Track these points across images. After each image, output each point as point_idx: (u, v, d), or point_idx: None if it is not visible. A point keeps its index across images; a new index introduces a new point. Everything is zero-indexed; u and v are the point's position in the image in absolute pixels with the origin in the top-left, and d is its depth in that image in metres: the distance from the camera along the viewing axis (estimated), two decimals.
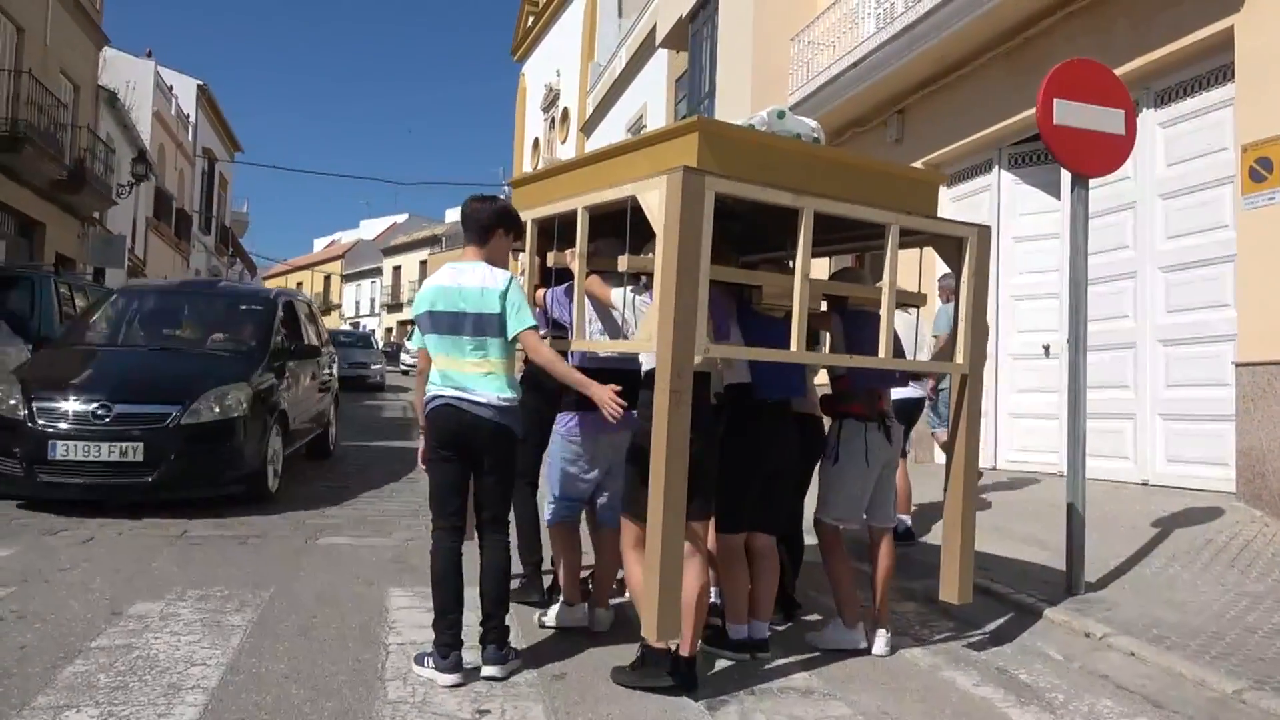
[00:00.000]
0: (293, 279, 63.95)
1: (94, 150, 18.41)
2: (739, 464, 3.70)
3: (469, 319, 3.42)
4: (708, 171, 3.23)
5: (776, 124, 3.75)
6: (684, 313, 3.15)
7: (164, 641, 3.62)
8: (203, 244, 32.81)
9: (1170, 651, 3.67)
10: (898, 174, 4.19)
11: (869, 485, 4.00)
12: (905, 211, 3.79)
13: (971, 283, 3.94)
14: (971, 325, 3.95)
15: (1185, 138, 6.86)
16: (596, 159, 3.98)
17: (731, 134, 3.59)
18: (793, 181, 3.49)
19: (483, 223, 3.53)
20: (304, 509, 6.58)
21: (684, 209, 3.13)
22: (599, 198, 3.63)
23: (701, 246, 3.19)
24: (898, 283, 3.77)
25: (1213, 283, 6.52)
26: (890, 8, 9.62)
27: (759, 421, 3.76)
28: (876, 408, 4.04)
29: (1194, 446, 6.65)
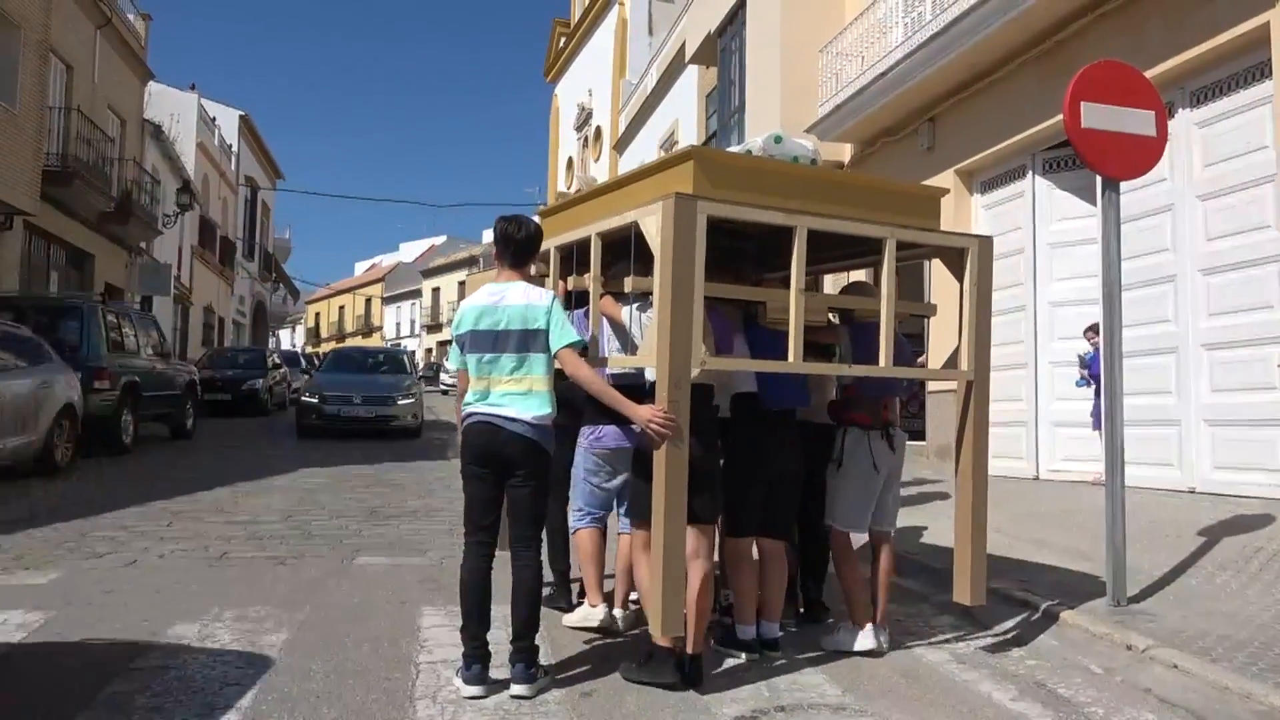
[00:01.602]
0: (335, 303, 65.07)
1: (140, 182, 18.93)
2: (744, 470, 3.89)
3: (513, 336, 3.47)
4: (699, 196, 3.45)
5: (774, 148, 3.95)
6: (680, 328, 3.36)
7: (200, 662, 3.67)
8: (247, 270, 33.51)
9: (1216, 664, 3.56)
10: (897, 190, 4.34)
11: (873, 492, 4.08)
12: (902, 225, 3.90)
13: (974, 292, 4.06)
14: (975, 334, 4.07)
15: (1223, 137, 6.73)
16: (608, 189, 4.27)
17: (726, 160, 3.90)
18: (790, 202, 3.68)
19: (521, 247, 3.61)
20: (338, 529, 6.66)
21: (677, 232, 3.35)
22: (608, 224, 3.87)
23: (696, 266, 3.39)
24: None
25: (1256, 284, 6.38)
26: (918, 16, 9.58)
27: (764, 429, 3.91)
28: (881, 416, 4.14)
29: (1241, 452, 6.49)
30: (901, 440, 4.26)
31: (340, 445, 12.97)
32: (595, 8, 27.85)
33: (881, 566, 4.17)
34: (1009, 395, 8.90)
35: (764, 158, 3.89)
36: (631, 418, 3.43)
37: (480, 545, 3.55)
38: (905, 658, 4.03)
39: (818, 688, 3.61)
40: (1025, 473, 8.55)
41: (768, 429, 3.92)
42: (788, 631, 4.20)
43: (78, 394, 9.52)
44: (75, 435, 9.47)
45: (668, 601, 3.34)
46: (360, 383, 14.83)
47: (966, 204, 9.58)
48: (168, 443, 12.82)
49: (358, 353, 20.62)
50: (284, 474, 9.64)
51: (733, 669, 3.76)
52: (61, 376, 9.21)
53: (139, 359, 11.78)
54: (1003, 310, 9.04)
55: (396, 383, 15.14)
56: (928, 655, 4.04)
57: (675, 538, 3.36)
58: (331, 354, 21.02)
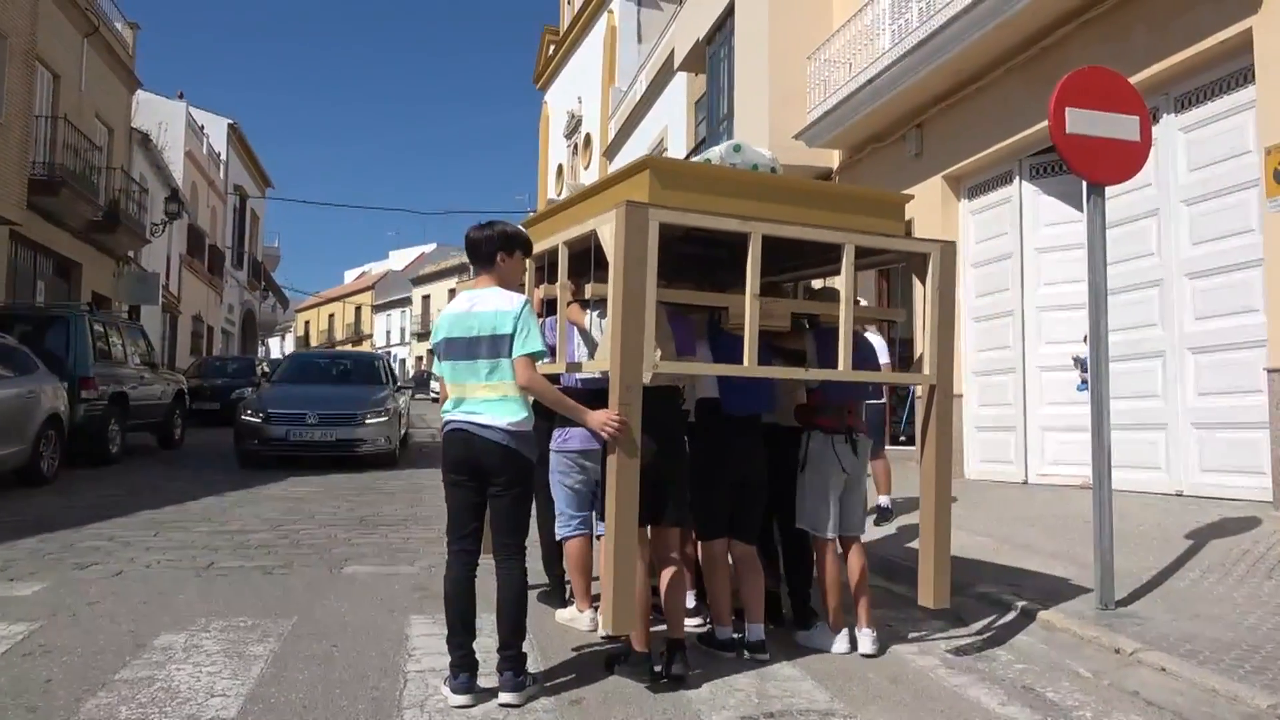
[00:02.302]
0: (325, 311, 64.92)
1: (128, 191, 18.86)
2: (708, 474, 3.99)
3: (484, 342, 3.47)
4: (651, 204, 3.52)
5: (733, 156, 4.07)
6: (631, 333, 3.44)
7: (186, 673, 3.65)
8: (235, 279, 33.40)
9: (1203, 666, 3.57)
10: (860, 196, 4.42)
11: (836, 495, 4.16)
12: (862, 232, 3.97)
13: (936, 297, 4.14)
14: (938, 338, 4.15)
15: (1207, 142, 6.77)
16: (577, 199, 4.37)
17: (682, 169, 4.03)
18: (748, 209, 3.75)
19: (485, 250, 3.61)
20: (327, 538, 6.63)
21: (628, 239, 3.44)
22: (571, 234, 3.99)
23: (648, 271, 3.47)
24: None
25: (1241, 288, 6.41)
26: (905, 23, 9.63)
27: (726, 434, 4.02)
28: (845, 421, 4.22)
29: (1228, 455, 6.51)
30: (866, 445, 4.34)
31: None
32: (585, 15, 27.91)
33: (854, 569, 4.23)
34: (997, 400, 8.93)
35: (723, 166, 4.00)
36: (584, 423, 3.51)
37: (463, 554, 3.55)
38: (894, 662, 4.03)
39: (807, 694, 3.60)
40: (1014, 477, 8.57)
41: (731, 434, 4.02)
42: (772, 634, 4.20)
43: (64, 404, 9.46)
44: (62, 446, 9.42)
45: (617, 600, 3.43)
46: (319, 397, 11.56)
47: (954, 209, 9.61)
48: (156, 453, 12.76)
49: (321, 358, 16.92)
50: (273, 483, 9.60)
51: (721, 675, 3.76)
52: (48, 386, 9.16)
53: (126, 368, 11.73)
54: (990, 315, 9.09)
55: (366, 397, 11.78)
56: (916, 660, 4.04)
57: (625, 538, 3.45)
58: (288, 359, 17.03)
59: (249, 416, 11.15)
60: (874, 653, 4.07)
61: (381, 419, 11.48)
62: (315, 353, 19.21)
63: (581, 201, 4.29)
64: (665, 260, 4.22)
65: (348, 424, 11.20)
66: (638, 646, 3.68)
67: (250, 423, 11.08)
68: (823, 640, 4.15)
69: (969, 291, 9.31)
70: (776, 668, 3.90)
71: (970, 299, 9.30)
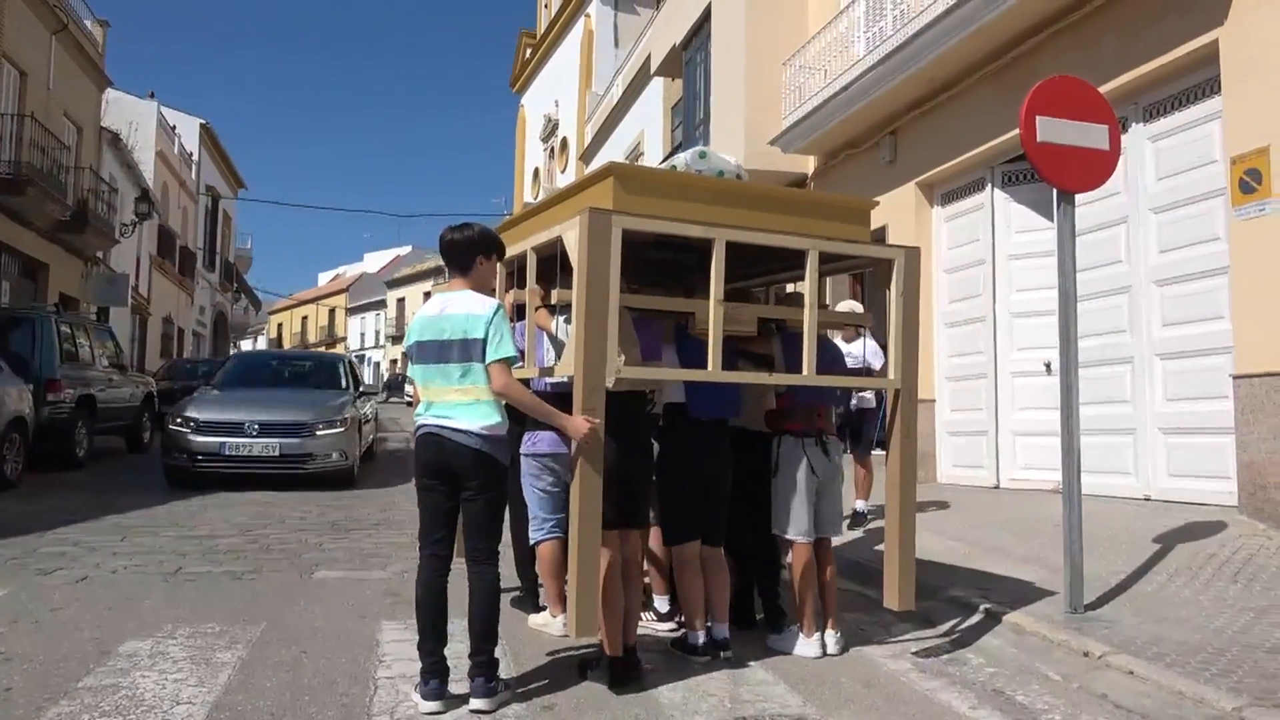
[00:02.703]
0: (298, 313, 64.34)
1: (97, 191, 18.59)
2: (675, 478, 4.04)
3: (455, 346, 3.45)
4: (614, 211, 3.55)
5: (698, 163, 4.12)
6: (594, 338, 3.46)
7: (151, 680, 3.59)
8: (207, 280, 33.03)
9: (1170, 669, 3.61)
10: (824, 202, 4.49)
11: (810, 498, 4.18)
12: (827, 238, 4.02)
13: (901, 302, 4.19)
14: (903, 343, 4.21)
15: (1175, 151, 6.87)
16: (544, 206, 4.43)
17: (647, 175, 4.10)
18: (713, 215, 3.80)
19: (463, 252, 3.59)
20: (297, 542, 6.56)
21: (591, 245, 3.47)
22: (539, 239, 4.04)
23: (611, 277, 3.49)
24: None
25: (1208, 295, 6.50)
26: (880, 30, 9.70)
27: (693, 438, 4.05)
28: (815, 424, 4.26)
29: (1195, 461, 6.60)
30: (836, 447, 4.36)
31: None
32: (562, 20, 27.90)
33: (825, 573, 4.27)
34: (969, 405, 9.01)
35: (688, 173, 4.03)
36: (561, 427, 3.52)
37: (435, 559, 3.52)
38: (866, 666, 4.04)
39: (779, 698, 3.60)
40: (986, 481, 8.64)
41: (698, 438, 4.05)
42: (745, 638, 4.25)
43: (29, 407, 9.31)
44: (26, 449, 9.25)
45: (581, 604, 3.45)
46: (262, 403, 9.89)
47: (927, 216, 9.69)
48: (124, 456, 12.57)
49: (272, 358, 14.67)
50: (242, 488, 9.48)
51: (694, 680, 3.75)
52: (12, 389, 9.01)
53: (94, 371, 11.55)
54: (963, 321, 9.17)
55: (319, 404, 10.01)
56: (888, 663, 4.06)
57: (590, 543, 3.47)
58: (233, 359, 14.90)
59: (177, 426, 9.34)
60: (837, 652, 4.13)
61: (336, 430, 9.61)
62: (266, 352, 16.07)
63: (551, 207, 4.33)
64: (636, 266, 4.27)
65: (295, 435, 9.36)
66: (610, 651, 3.68)
67: (178, 433, 9.28)
68: (793, 644, 4.17)
69: (942, 297, 9.38)
70: (749, 671, 3.91)
71: (943, 304, 9.38)
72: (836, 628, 4.21)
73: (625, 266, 4.03)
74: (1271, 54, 5.79)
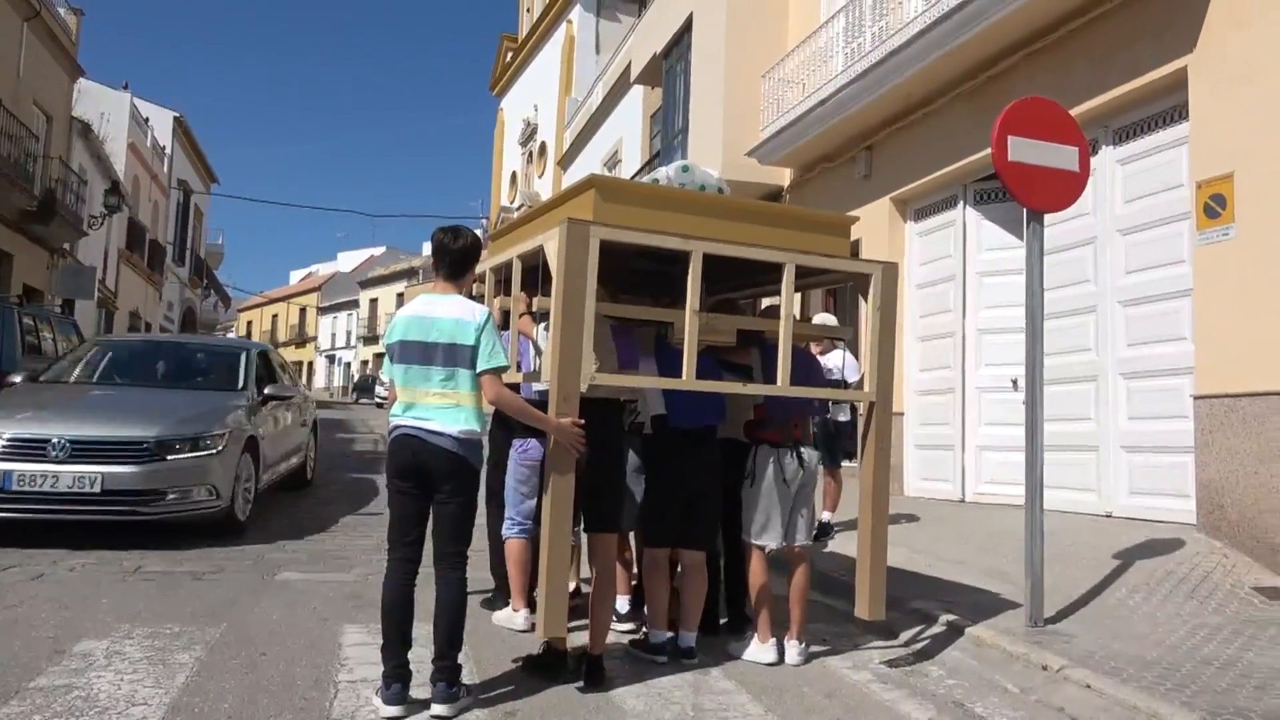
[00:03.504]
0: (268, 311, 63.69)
1: (65, 181, 18.32)
2: (662, 487, 4.12)
3: (440, 349, 3.44)
4: (592, 222, 3.62)
5: (681, 177, 4.21)
6: (569, 346, 3.53)
7: (106, 681, 3.53)
8: (176, 275, 32.61)
9: (1126, 684, 3.66)
10: (805, 217, 4.55)
11: (783, 508, 4.22)
12: (806, 251, 4.09)
13: (877, 317, 4.26)
14: (879, 357, 4.27)
15: (1142, 175, 6.99)
16: (531, 216, 4.52)
17: (628, 187, 4.22)
18: (693, 228, 3.86)
19: (459, 258, 3.59)
20: (263, 543, 6.48)
21: (569, 255, 3.55)
22: (522, 249, 4.11)
23: (587, 286, 3.56)
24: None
25: (1171, 317, 6.61)
26: (858, 46, 9.80)
27: (678, 448, 4.10)
28: (791, 434, 4.30)
29: (1155, 479, 6.70)
30: (812, 458, 4.39)
31: None
32: (543, 25, 27.91)
33: (796, 582, 4.30)
34: (937, 419, 9.09)
35: (670, 186, 4.11)
36: (548, 429, 3.55)
37: (403, 562, 3.49)
38: (828, 676, 4.07)
39: (741, 706, 3.61)
40: (952, 495, 8.72)
41: (683, 447, 4.10)
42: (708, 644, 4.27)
43: None
44: None
45: (550, 604, 3.51)
46: (89, 409, 6.78)
47: (901, 231, 9.78)
48: None
49: (145, 346, 9.46)
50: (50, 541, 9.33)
51: (657, 687, 3.75)
52: None
53: None
54: (932, 336, 9.26)
55: (186, 412, 6.71)
56: (850, 674, 4.09)
57: (559, 544, 3.55)
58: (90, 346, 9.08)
59: None
60: (798, 663, 4.16)
61: (203, 454, 6.35)
62: (138, 339, 12.15)
63: (537, 217, 4.38)
64: (622, 276, 4.30)
65: (129, 460, 6.07)
66: (555, 645, 3.77)
67: None
68: (752, 650, 4.21)
69: (913, 312, 9.47)
70: (712, 680, 3.92)
71: (914, 319, 9.47)
72: (802, 638, 4.23)
73: (612, 277, 4.07)
74: (1237, 82, 5.92)
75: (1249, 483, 5.67)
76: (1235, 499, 5.74)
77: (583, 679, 3.72)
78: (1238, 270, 5.86)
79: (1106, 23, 7.03)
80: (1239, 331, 5.81)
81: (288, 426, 8.65)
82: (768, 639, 4.18)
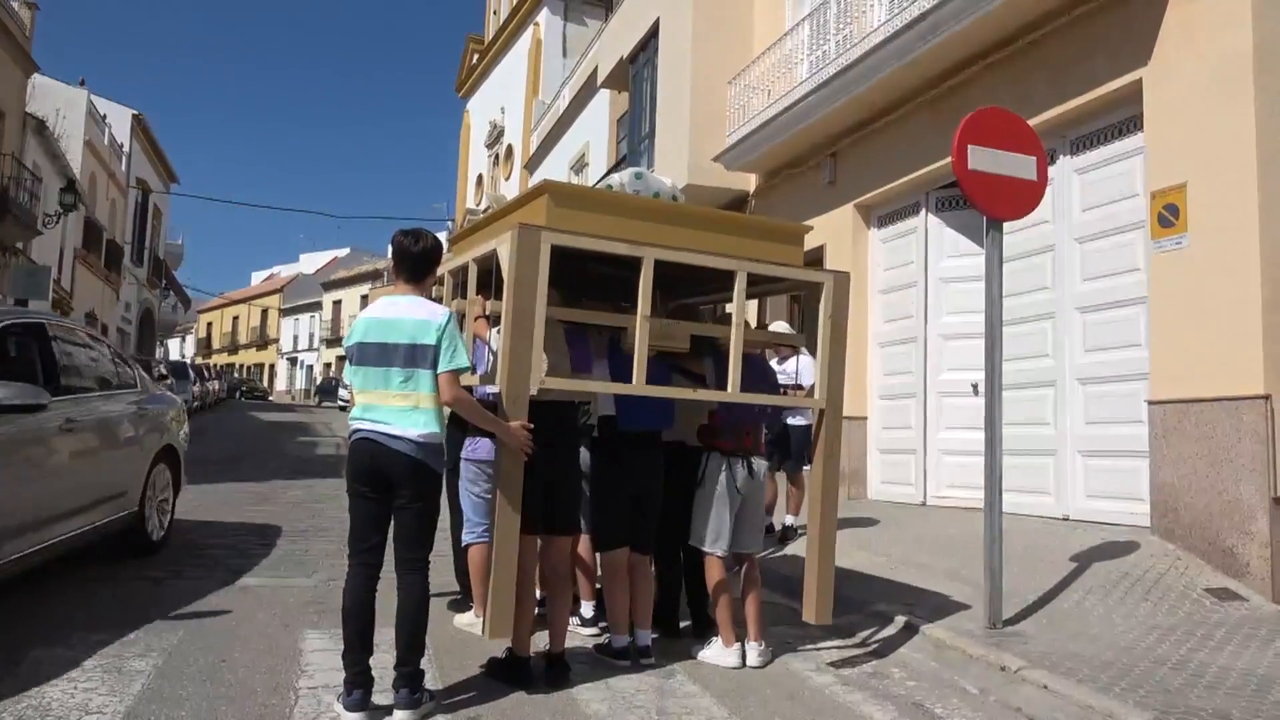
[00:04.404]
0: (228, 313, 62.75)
1: (19, 179, 17.92)
2: (607, 487, 4.16)
3: (401, 350, 3.41)
4: (543, 227, 3.65)
5: (635, 184, 4.25)
6: (519, 349, 3.56)
7: (59, 689, 3.46)
8: (134, 276, 32.02)
9: (1082, 684, 3.73)
10: (758, 225, 4.58)
11: (731, 515, 4.26)
12: (758, 260, 4.13)
13: (828, 325, 4.32)
14: (829, 364, 4.33)
15: (1099, 184, 7.13)
16: (489, 220, 4.57)
17: (580, 194, 4.26)
18: (646, 234, 3.90)
19: (422, 262, 3.59)
20: (221, 549, 6.39)
21: (520, 259, 3.58)
22: (477, 253, 4.14)
23: (538, 291, 3.59)
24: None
25: (1127, 323, 6.75)
26: (823, 54, 9.89)
27: (624, 450, 4.14)
28: (743, 443, 4.34)
29: (1111, 482, 6.83)
30: (761, 467, 4.44)
31: (231, 458, 12.46)
32: (510, 27, 27.83)
33: (747, 586, 4.34)
34: (899, 423, 9.20)
35: (619, 192, 4.15)
36: (500, 434, 3.57)
37: (364, 566, 3.46)
38: (791, 679, 4.09)
39: (706, 710, 3.63)
40: (913, 498, 8.82)
41: (628, 449, 4.14)
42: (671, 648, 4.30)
43: None
44: None
45: (496, 605, 3.53)
46: None
47: (864, 237, 9.89)
48: None
49: None
50: None
51: (620, 691, 3.76)
52: None
53: None
54: (895, 341, 9.37)
55: None
56: (813, 677, 4.12)
57: (507, 546, 3.56)
58: None
59: None
60: (760, 665, 4.19)
61: None
62: None
63: (494, 221, 4.40)
64: (581, 281, 4.31)
65: None
66: (518, 650, 3.78)
67: None
68: (715, 654, 4.24)
69: (876, 317, 9.58)
70: (675, 683, 3.93)
71: (877, 324, 9.57)
72: (761, 639, 4.27)
73: (571, 281, 4.08)
74: (1190, 95, 6.07)
75: (1201, 486, 5.80)
76: (1188, 502, 5.87)
77: (545, 678, 3.75)
78: (1191, 278, 5.99)
79: (1064, 35, 7.17)
80: (1191, 338, 5.95)
81: (73, 457, 4.95)
82: (731, 643, 4.21)
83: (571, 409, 4.01)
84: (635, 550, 4.20)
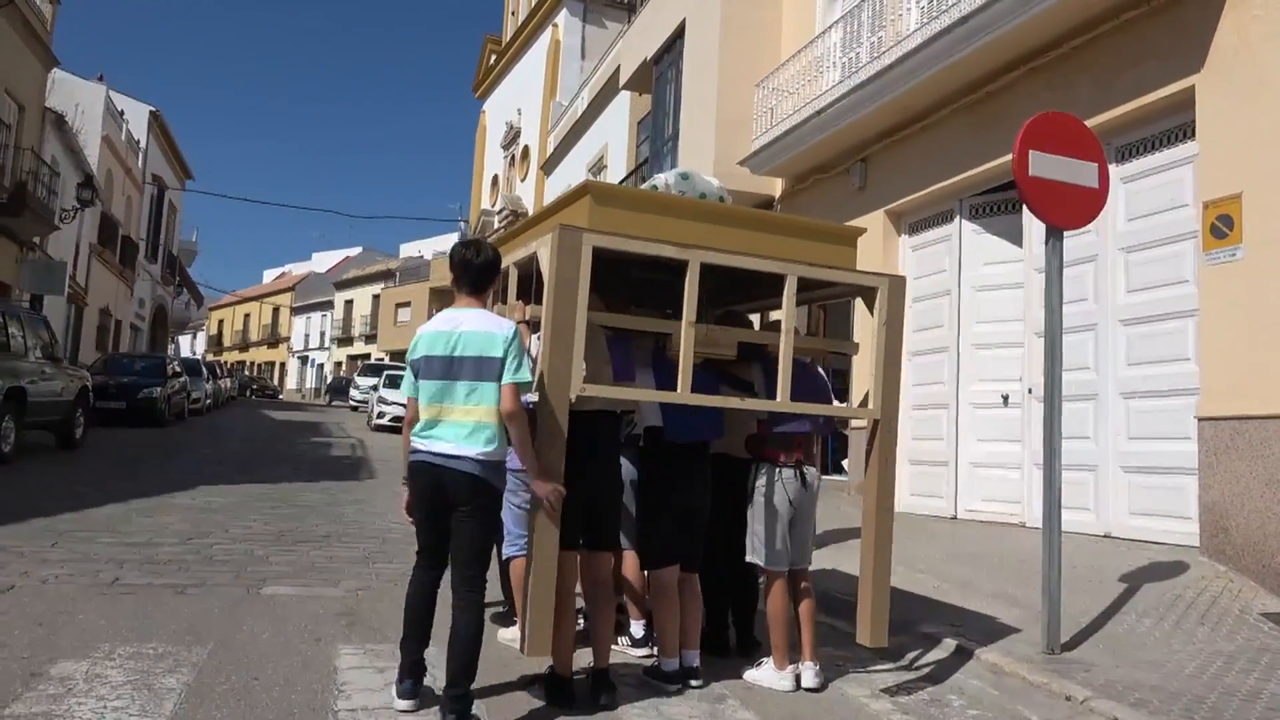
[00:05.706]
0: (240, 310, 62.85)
1: (37, 173, 17.86)
2: (653, 502, 4.00)
3: (468, 363, 3.34)
4: (584, 229, 3.51)
5: (681, 184, 4.10)
6: (559, 355, 3.43)
7: (88, 708, 3.31)
8: (148, 272, 32.02)
9: (1154, 717, 3.56)
10: (810, 228, 4.36)
11: (784, 527, 4.09)
12: (809, 263, 3.96)
13: (883, 332, 4.15)
14: (884, 373, 4.15)
15: (1146, 193, 6.94)
16: (533, 222, 4.44)
17: (624, 194, 4.09)
18: (692, 235, 3.74)
19: (479, 274, 3.52)
20: (243, 555, 6.25)
21: (560, 262, 3.45)
22: (516, 256, 4.01)
23: (579, 295, 3.45)
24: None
25: (1174, 337, 6.56)
26: (855, 58, 9.73)
27: (672, 462, 3.98)
28: (794, 454, 4.16)
29: (1156, 500, 6.65)
30: (814, 477, 4.26)
31: (246, 457, 12.35)
32: (528, 28, 27.74)
33: (802, 604, 4.17)
34: (930, 435, 9.02)
35: (668, 193, 3.98)
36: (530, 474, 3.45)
37: (428, 569, 3.51)
38: (847, 706, 3.93)
39: None
40: (944, 511, 8.64)
41: (676, 461, 3.98)
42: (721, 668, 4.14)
43: None
44: None
45: (535, 623, 3.40)
46: None
47: (895, 244, 9.72)
48: (54, 453, 11.97)
49: None
50: (182, 491, 9.08)
51: (669, 712, 3.60)
52: None
53: (26, 362, 10.99)
54: (925, 351, 9.19)
55: None
56: (871, 704, 3.95)
57: (545, 562, 3.43)
58: None
59: None
60: (816, 687, 4.03)
61: None
62: None
63: (539, 223, 4.26)
64: (626, 286, 4.14)
65: None
66: (559, 670, 3.64)
67: None
68: (767, 676, 4.07)
69: (906, 326, 9.39)
70: (725, 707, 3.77)
71: (908, 333, 9.36)
72: (816, 660, 4.10)
73: (615, 286, 3.91)
74: (1247, 103, 5.89)
75: (1254, 506, 5.61)
76: (1240, 523, 5.69)
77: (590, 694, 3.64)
78: (1245, 292, 5.81)
79: (1112, 40, 7.00)
80: (1246, 353, 5.77)
81: None
82: (784, 665, 4.05)
83: (613, 419, 3.85)
84: (682, 569, 4.03)
